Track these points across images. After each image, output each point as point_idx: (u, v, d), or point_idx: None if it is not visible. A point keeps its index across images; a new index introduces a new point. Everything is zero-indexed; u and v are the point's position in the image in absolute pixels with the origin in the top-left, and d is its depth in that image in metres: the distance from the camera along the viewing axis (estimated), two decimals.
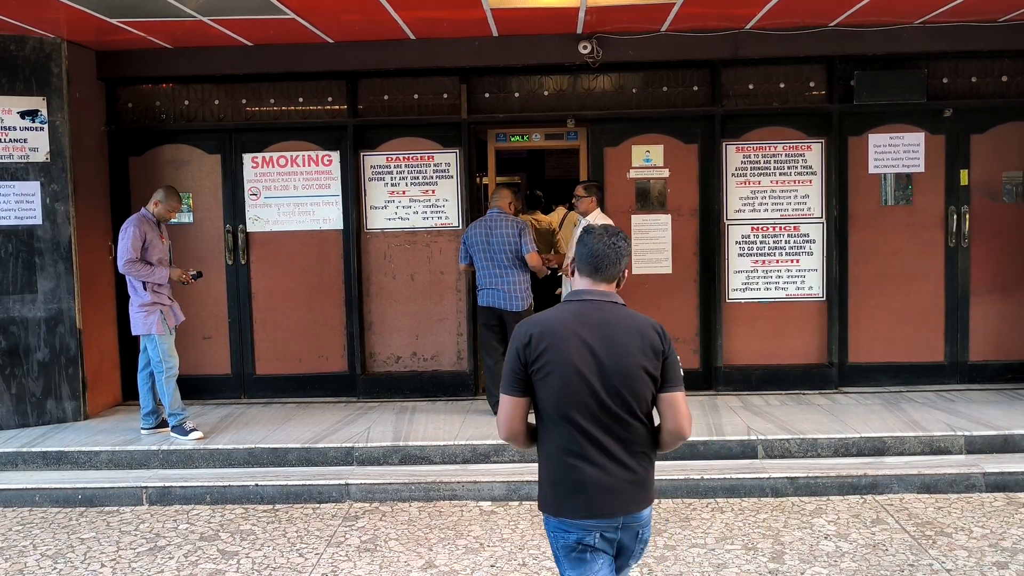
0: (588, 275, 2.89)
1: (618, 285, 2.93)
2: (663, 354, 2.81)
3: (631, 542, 2.87)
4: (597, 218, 6.79)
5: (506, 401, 2.83)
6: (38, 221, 6.73)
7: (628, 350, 2.77)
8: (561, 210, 9.33)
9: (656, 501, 5.50)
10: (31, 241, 6.72)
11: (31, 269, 6.73)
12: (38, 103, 6.70)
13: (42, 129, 6.72)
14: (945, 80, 7.35)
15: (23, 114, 6.66)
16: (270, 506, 5.69)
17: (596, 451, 2.79)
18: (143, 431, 6.48)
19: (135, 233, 6.20)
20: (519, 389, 2.81)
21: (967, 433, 6.04)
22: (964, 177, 7.37)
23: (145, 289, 6.26)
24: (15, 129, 6.65)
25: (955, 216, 7.37)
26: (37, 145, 6.71)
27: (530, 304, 6.78)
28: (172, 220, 6.85)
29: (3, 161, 6.64)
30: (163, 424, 6.49)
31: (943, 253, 7.42)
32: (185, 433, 6.30)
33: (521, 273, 6.66)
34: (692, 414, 2.88)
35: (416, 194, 7.55)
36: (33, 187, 6.71)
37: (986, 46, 7.08)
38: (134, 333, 6.42)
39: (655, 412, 2.85)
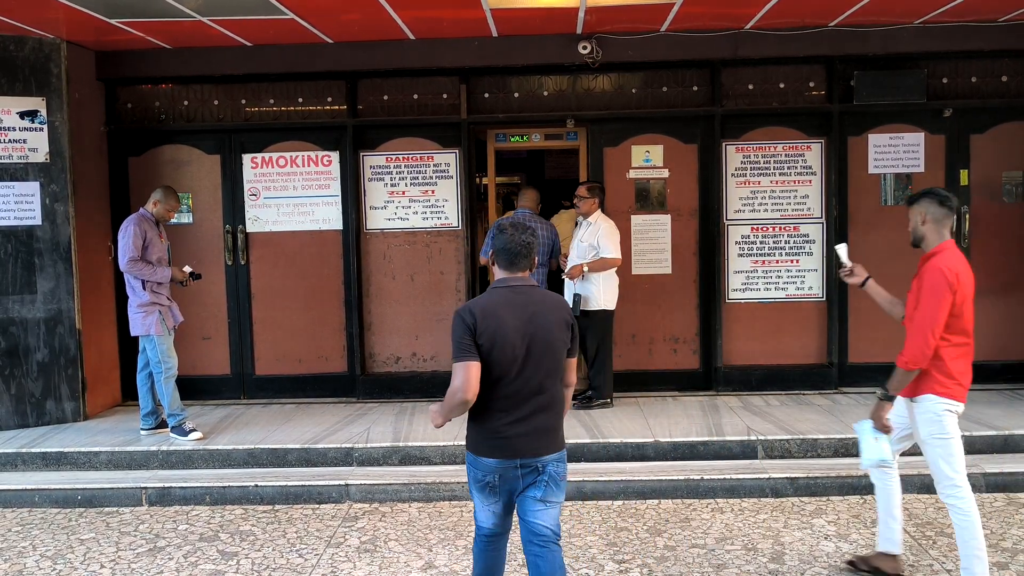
0: (505, 268, 3.50)
1: (530, 270, 3.53)
2: (571, 327, 3.51)
3: (535, 478, 3.44)
4: (598, 219, 6.80)
5: (466, 367, 3.31)
6: (37, 221, 6.73)
7: (551, 326, 3.43)
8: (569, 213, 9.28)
9: (656, 501, 5.54)
10: (30, 241, 6.72)
11: (30, 269, 6.72)
12: (37, 103, 6.69)
13: (41, 129, 6.71)
14: (945, 80, 7.35)
15: (22, 114, 6.66)
16: (270, 507, 5.68)
17: (517, 407, 3.40)
18: (143, 432, 6.48)
19: (135, 231, 6.20)
20: (474, 355, 3.33)
21: (967, 433, 5.99)
22: (964, 177, 7.37)
23: (144, 289, 6.25)
24: (14, 129, 6.65)
25: (955, 216, 7.36)
26: (36, 145, 6.71)
27: None
28: (171, 220, 6.86)
29: (2, 161, 6.64)
30: (163, 425, 6.49)
31: None
32: (185, 434, 6.30)
33: (543, 274, 6.98)
34: (691, 414, 3.31)
35: (416, 194, 7.54)
36: (32, 187, 6.70)
37: (986, 46, 7.08)
38: (133, 334, 6.41)
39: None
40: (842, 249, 4.50)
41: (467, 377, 3.30)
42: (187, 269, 6.45)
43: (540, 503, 3.47)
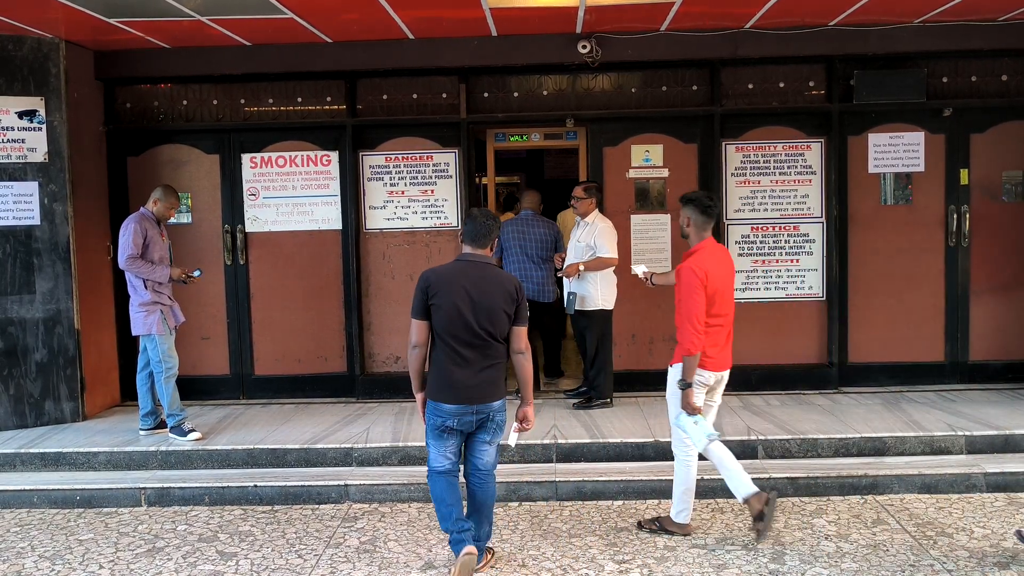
0: (470, 244, 4.35)
1: (491, 250, 4.37)
2: (516, 301, 4.28)
3: (485, 422, 4.32)
4: (596, 220, 6.79)
5: (416, 324, 4.29)
6: (36, 221, 6.72)
7: (494, 297, 4.23)
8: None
9: (656, 501, 5.53)
10: (29, 241, 6.71)
11: (29, 270, 6.71)
12: (36, 103, 6.68)
13: (40, 129, 6.70)
14: (945, 79, 7.34)
15: (21, 114, 6.65)
16: (269, 507, 5.67)
17: (464, 361, 4.23)
18: (141, 432, 6.47)
19: (136, 229, 6.19)
20: (424, 315, 4.27)
21: (968, 433, 6.02)
22: (964, 176, 7.36)
23: (146, 288, 6.24)
24: (13, 129, 6.64)
25: (955, 215, 7.36)
26: (35, 145, 6.70)
27: (557, 294, 7.20)
28: (171, 220, 6.85)
29: (1, 161, 6.62)
30: (162, 425, 6.48)
31: (943, 252, 7.41)
32: (184, 434, 6.29)
33: (550, 268, 7.12)
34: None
35: (415, 194, 7.54)
36: (31, 187, 6.69)
37: (986, 45, 7.07)
38: (134, 333, 6.39)
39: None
40: (639, 268, 5.48)
41: (415, 330, 4.30)
42: (188, 271, 6.46)
43: (486, 444, 4.40)
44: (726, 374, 4.93)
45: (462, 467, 4.51)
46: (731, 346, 4.92)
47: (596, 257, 6.67)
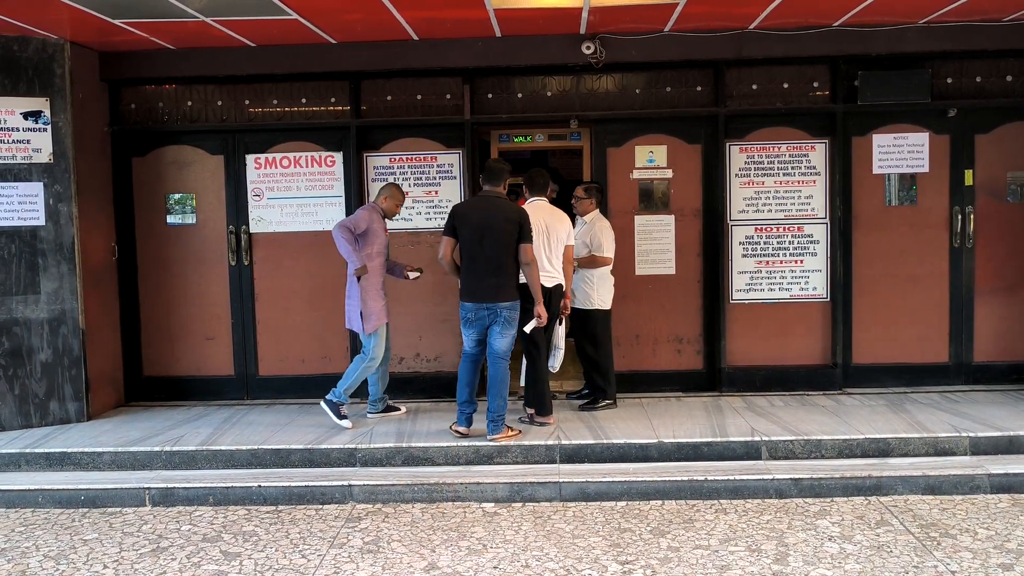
0: (487, 184, 6.01)
1: (503, 188, 6.00)
2: (519, 225, 5.81)
3: (493, 318, 5.88)
4: (595, 219, 6.81)
5: (445, 239, 5.96)
6: (41, 222, 6.74)
7: (501, 221, 5.81)
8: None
9: (660, 502, 5.53)
10: (34, 242, 6.73)
11: (34, 270, 6.73)
12: (41, 104, 6.70)
13: (45, 130, 6.72)
14: (950, 80, 7.32)
15: (26, 115, 6.67)
16: (273, 507, 5.68)
17: (476, 270, 5.86)
18: (369, 416, 6.85)
19: (363, 214, 6.44)
20: (452, 234, 5.94)
21: (972, 434, 6.01)
22: (969, 177, 7.35)
23: (375, 287, 6.49)
24: (18, 130, 6.66)
25: (960, 216, 7.35)
26: (40, 146, 6.71)
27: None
28: (184, 221, 6.88)
29: (6, 162, 6.65)
30: (388, 409, 6.81)
31: (947, 253, 7.39)
32: (340, 416, 6.50)
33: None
34: (695, 415, 5.61)
35: (419, 195, 7.54)
36: (36, 188, 6.71)
37: (991, 46, 7.06)
38: (367, 331, 6.46)
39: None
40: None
41: (443, 244, 5.95)
42: (412, 275, 6.75)
43: (498, 335, 5.92)
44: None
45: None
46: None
47: (591, 255, 6.69)
